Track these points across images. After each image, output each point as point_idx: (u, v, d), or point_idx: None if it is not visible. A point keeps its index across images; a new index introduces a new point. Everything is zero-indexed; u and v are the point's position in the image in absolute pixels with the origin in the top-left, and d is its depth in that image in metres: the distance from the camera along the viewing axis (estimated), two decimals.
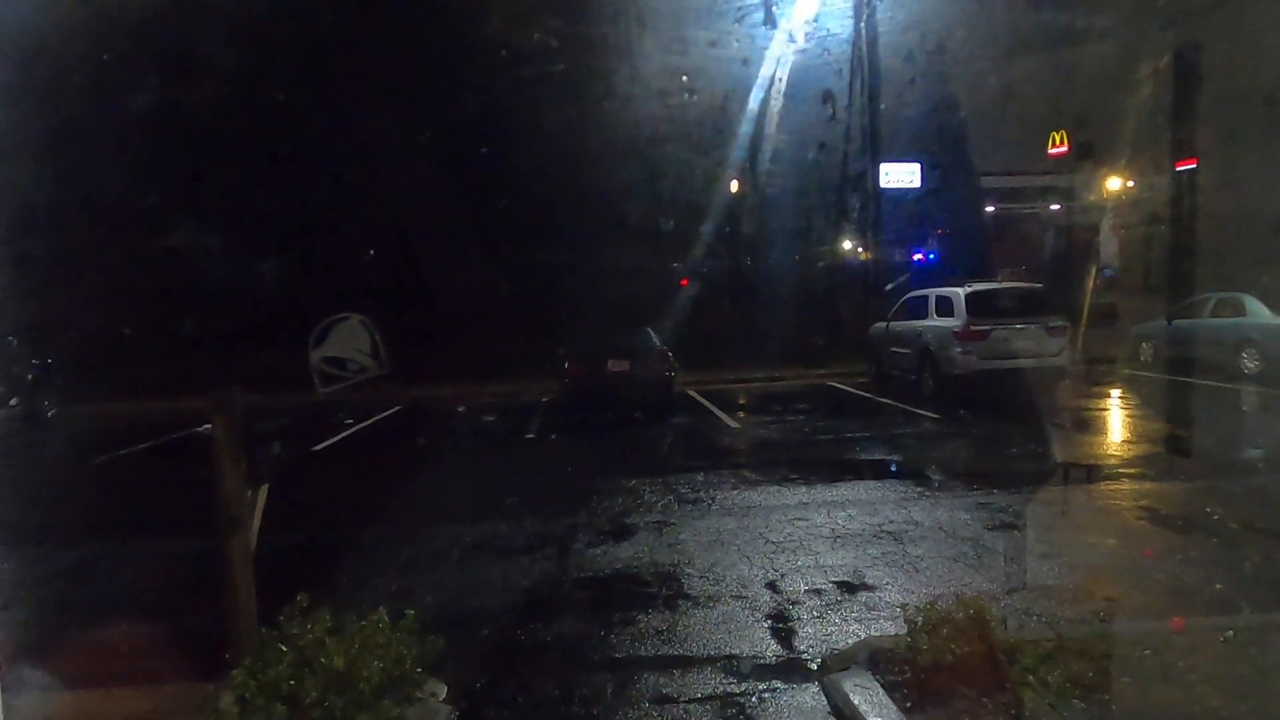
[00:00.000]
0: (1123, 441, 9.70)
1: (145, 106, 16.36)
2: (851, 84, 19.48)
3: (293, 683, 3.26)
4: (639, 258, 21.34)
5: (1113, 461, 8.42)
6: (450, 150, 20.98)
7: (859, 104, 20.03)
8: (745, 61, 19.66)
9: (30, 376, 13.11)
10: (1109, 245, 23.65)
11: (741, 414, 12.79)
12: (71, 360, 14.31)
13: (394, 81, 20.23)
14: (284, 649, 3.38)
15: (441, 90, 20.45)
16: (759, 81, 20.40)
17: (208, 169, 18.93)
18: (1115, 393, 13.51)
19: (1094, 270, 22.55)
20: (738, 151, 21.96)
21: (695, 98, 19.26)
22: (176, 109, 17.66)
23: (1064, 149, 24.97)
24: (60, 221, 17.24)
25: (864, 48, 19.05)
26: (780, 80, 20.54)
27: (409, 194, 20.76)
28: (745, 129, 21.36)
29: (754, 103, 20.64)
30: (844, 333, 19.45)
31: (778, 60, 20.14)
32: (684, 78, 18.77)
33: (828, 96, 19.54)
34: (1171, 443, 9.39)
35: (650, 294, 20.08)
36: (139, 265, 18.09)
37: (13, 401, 11.25)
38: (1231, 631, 3.67)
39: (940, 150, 21.88)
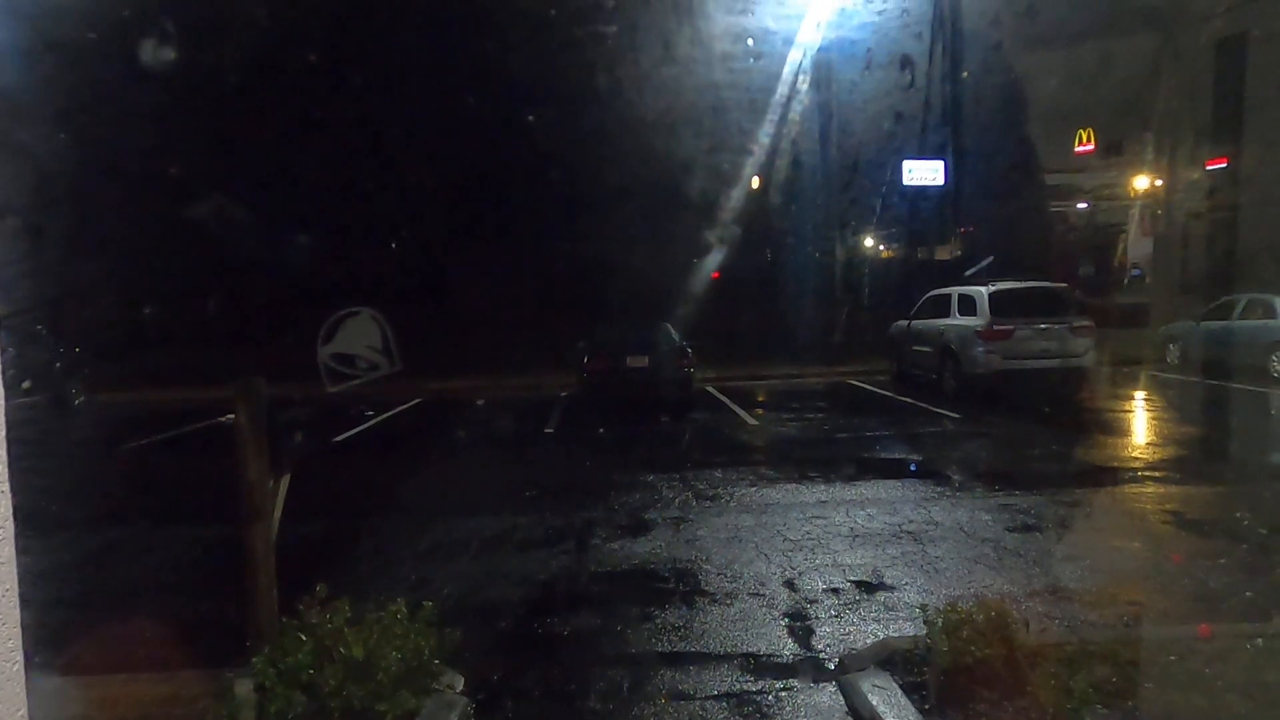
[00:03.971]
0: (1147, 444, 9.56)
1: (170, 97, 16.52)
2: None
3: (312, 671, 3.29)
4: (659, 252, 21.29)
5: (1137, 464, 8.31)
6: (472, 141, 21.03)
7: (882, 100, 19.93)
8: (762, 58, 19.59)
9: (57, 364, 13.31)
10: (1139, 245, 23.32)
11: (760, 411, 12.75)
12: (98, 349, 14.52)
13: (414, 66, 20.26)
14: (304, 638, 3.41)
15: (463, 75, 20.45)
16: (785, 79, 20.32)
17: (230, 160, 19.13)
18: (1140, 394, 13.32)
19: (1127, 269, 22.25)
20: (763, 146, 21.85)
21: (725, 88, 19.20)
22: (201, 103, 17.84)
23: (1090, 147, 24.66)
24: (88, 214, 17.48)
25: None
26: (801, 82, 20.45)
27: (430, 186, 20.85)
28: (770, 126, 21.26)
29: (781, 95, 20.56)
30: (865, 330, 19.33)
31: (800, 61, 20.06)
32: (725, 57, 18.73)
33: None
34: (1198, 446, 9.24)
35: (670, 288, 20.04)
36: (165, 256, 18.30)
37: (25, 384, 11.36)
38: (1260, 639, 3.60)
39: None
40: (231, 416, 3.55)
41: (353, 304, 4.03)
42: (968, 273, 17.91)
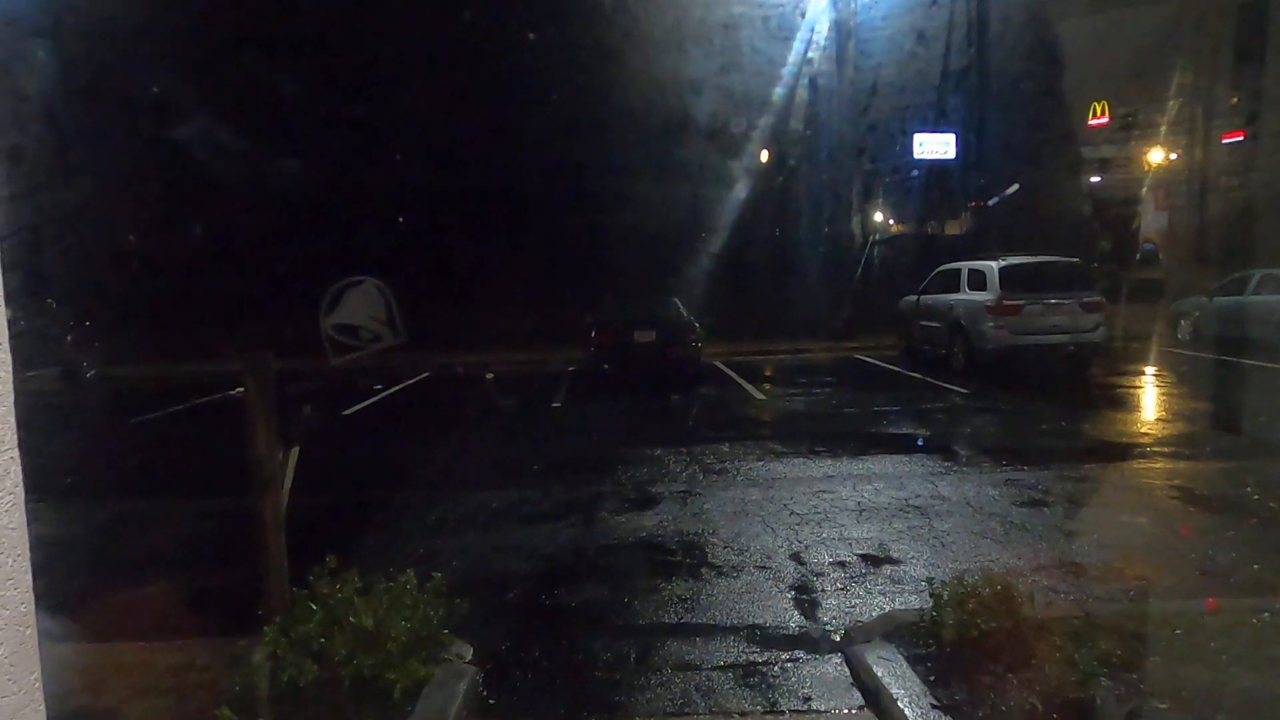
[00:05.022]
0: (1156, 419, 9.52)
1: (184, 69, 16.46)
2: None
3: (322, 640, 3.33)
4: (668, 225, 21.17)
5: (1145, 439, 8.28)
6: (478, 110, 20.85)
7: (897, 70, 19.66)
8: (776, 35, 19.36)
9: (69, 338, 13.38)
10: (1153, 219, 23.07)
11: (768, 386, 12.74)
12: (110, 322, 14.58)
13: (420, 32, 20.03)
14: (314, 608, 3.45)
15: (467, 40, 20.20)
16: (797, 49, 20.09)
17: (241, 134, 19.04)
18: (1150, 370, 13.25)
19: (1139, 244, 22.07)
20: (771, 116, 21.62)
21: (735, 50, 19.00)
22: (213, 73, 17.75)
23: (1105, 120, 24.33)
24: (100, 188, 17.47)
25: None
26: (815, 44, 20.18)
27: (436, 157, 20.72)
28: (780, 93, 21.01)
29: (794, 61, 20.31)
30: (874, 305, 19.21)
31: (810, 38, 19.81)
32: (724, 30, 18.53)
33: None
34: (1207, 421, 9.19)
35: (679, 262, 19.96)
36: (176, 228, 18.31)
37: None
38: (1267, 613, 3.60)
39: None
40: (242, 390, 3.56)
41: (361, 275, 4.00)
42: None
